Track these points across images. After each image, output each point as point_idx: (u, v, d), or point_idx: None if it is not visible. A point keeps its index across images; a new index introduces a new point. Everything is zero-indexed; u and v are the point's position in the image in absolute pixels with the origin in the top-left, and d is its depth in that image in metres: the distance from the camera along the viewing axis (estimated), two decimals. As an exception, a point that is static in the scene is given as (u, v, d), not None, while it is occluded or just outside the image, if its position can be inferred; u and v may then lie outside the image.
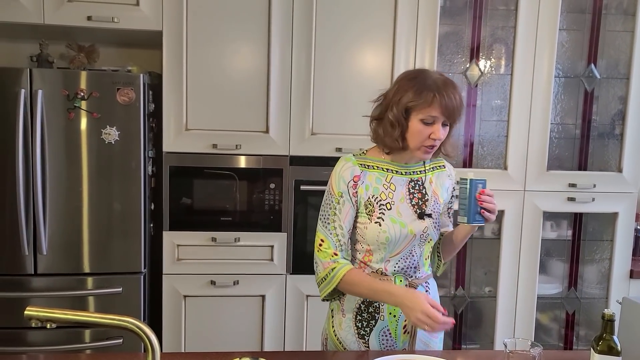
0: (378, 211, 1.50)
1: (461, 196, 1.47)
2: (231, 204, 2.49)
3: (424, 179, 1.57)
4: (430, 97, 1.41)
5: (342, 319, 1.56)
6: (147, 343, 0.87)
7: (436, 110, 1.42)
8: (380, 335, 1.53)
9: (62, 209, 2.31)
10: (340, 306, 1.57)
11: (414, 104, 1.43)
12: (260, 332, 2.55)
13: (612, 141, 2.72)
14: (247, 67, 2.44)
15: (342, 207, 1.50)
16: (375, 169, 1.53)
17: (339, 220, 1.50)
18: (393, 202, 1.51)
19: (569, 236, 2.80)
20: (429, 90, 1.41)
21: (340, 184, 1.51)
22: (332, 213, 1.51)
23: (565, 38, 2.63)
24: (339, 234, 1.50)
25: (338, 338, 1.57)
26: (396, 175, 1.54)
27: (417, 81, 1.45)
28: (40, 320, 0.88)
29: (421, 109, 1.42)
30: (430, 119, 1.43)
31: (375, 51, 2.48)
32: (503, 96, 2.62)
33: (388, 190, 1.52)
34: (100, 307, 2.37)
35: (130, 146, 2.33)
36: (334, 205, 1.51)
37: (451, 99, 1.42)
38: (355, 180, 1.51)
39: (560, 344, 2.85)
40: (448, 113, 1.43)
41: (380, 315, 1.52)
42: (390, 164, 1.54)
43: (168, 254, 2.46)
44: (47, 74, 2.27)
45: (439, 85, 1.42)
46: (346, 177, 1.51)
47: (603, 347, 1.23)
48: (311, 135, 2.49)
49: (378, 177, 1.52)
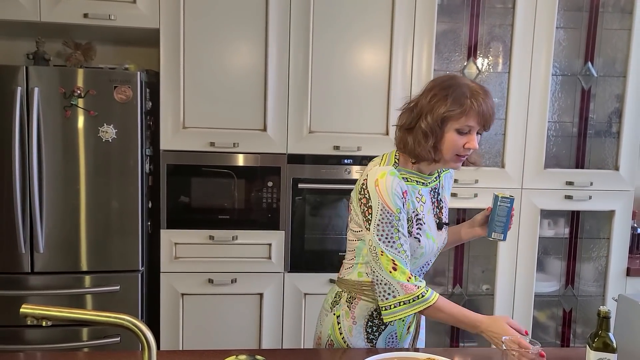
0: (416, 226, 1.47)
1: (500, 213, 1.52)
2: (229, 202, 2.49)
3: (439, 186, 1.57)
4: (467, 105, 1.36)
5: (353, 326, 1.53)
6: (143, 340, 0.87)
7: (473, 119, 1.37)
8: (387, 338, 1.54)
9: (59, 207, 2.31)
10: (350, 313, 1.54)
11: (451, 114, 1.37)
12: (258, 330, 2.55)
13: (609, 139, 2.72)
14: (244, 64, 2.43)
15: (403, 222, 1.43)
16: (409, 181, 1.48)
17: (404, 237, 1.43)
18: (424, 216, 1.49)
19: (566, 234, 2.80)
20: (466, 99, 1.36)
21: (397, 201, 1.41)
22: (396, 231, 1.42)
23: (563, 36, 2.64)
24: (407, 251, 1.43)
25: (348, 344, 1.54)
26: (423, 187, 1.51)
27: (452, 89, 1.39)
28: (36, 318, 0.88)
29: (458, 119, 1.37)
30: (466, 129, 1.38)
31: (373, 49, 2.48)
32: (500, 94, 2.62)
33: (420, 203, 1.49)
34: (98, 306, 2.37)
35: (128, 144, 2.33)
36: (395, 223, 1.41)
37: (488, 106, 1.38)
38: (404, 195, 1.43)
39: (558, 341, 2.86)
40: (484, 121, 1.39)
41: (391, 322, 1.51)
42: (417, 176, 1.50)
43: (166, 252, 2.46)
44: (44, 72, 2.26)
45: (475, 93, 1.38)
46: (398, 192, 1.42)
47: (599, 344, 1.23)
48: (309, 134, 2.49)
49: (412, 191, 1.47)
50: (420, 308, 1.40)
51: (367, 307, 1.52)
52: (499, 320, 1.37)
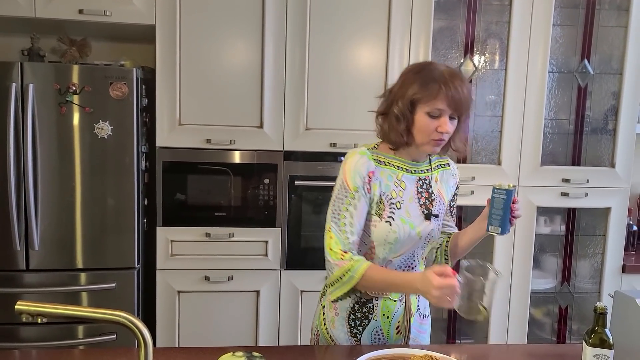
0: (388, 210, 1.46)
1: (496, 206, 1.43)
2: (225, 199, 2.49)
3: (431, 178, 1.54)
4: (435, 89, 1.37)
5: (335, 318, 1.54)
6: (140, 337, 0.86)
7: (442, 102, 1.38)
8: (373, 334, 1.52)
9: (54, 204, 2.30)
10: (333, 305, 1.55)
11: (419, 97, 1.39)
12: (255, 328, 2.54)
13: (605, 136, 2.73)
14: (241, 61, 2.42)
15: (358, 202, 1.43)
16: (387, 165, 1.48)
17: (350, 217, 1.43)
18: (403, 201, 1.48)
19: (562, 231, 2.81)
20: (435, 82, 1.37)
21: (356, 179, 1.44)
22: (345, 209, 1.44)
23: (559, 33, 2.64)
24: (349, 231, 1.43)
25: (330, 336, 1.56)
26: (406, 173, 1.50)
27: (422, 74, 1.41)
28: (30, 315, 0.87)
29: (427, 102, 1.39)
30: (436, 112, 1.39)
31: (370, 46, 2.47)
32: (497, 91, 2.62)
33: (399, 188, 1.48)
34: (94, 303, 2.36)
35: (124, 141, 2.32)
36: (348, 200, 1.44)
37: (458, 90, 1.37)
38: (370, 176, 1.45)
39: (553, 338, 2.87)
40: (455, 105, 1.39)
41: (374, 316, 1.51)
42: (400, 162, 1.50)
43: (162, 249, 2.45)
44: (39, 68, 2.25)
45: (445, 77, 1.38)
46: (362, 172, 1.44)
47: (595, 340, 1.23)
48: (306, 131, 2.48)
49: (390, 175, 1.48)
50: (350, 285, 1.42)
51: (348, 298, 1.52)
52: (426, 275, 1.30)
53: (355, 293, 1.52)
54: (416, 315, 1.56)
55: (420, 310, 1.58)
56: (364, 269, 1.40)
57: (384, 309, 1.50)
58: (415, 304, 1.55)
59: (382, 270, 1.44)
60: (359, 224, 1.45)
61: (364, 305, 1.51)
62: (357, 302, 1.51)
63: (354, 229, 1.43)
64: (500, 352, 1.65)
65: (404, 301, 1.52)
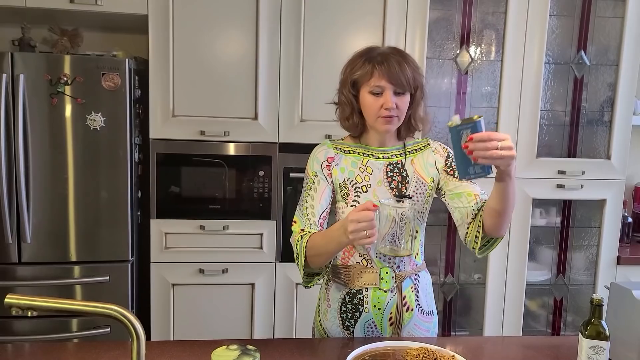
0: (353, 194, 1.49)
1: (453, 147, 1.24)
2: (220, 191, 2.47)
3: (404, 162, 1.53)
4: (370, 67, 1.41)
5: (328, 309, 1.55)
6: (132, 330, 0.85)
7: (380, 79, 1.40)
8: (366, 327, 1.52)
9: (47, 196, 2.27)
10: (326, 295, 1.57)
11: (357, 77, 1.44)
12: (250, 320, 2.54)
13: (600, 128, 2.72)
14: (235, 52, 2.40)
15: (318, 185, 1.50)
16: (351, 153, 1.53)
17: (311, 200, 1.49)
18: (369, 185, 1.49)
19: (557, 223, 2.81)
20: (370, 61, 1.42)
21: (314, 165, 1.52)
22: (306, 194, 1.50)
23: (556, 24, 2.62)
24: (310, 212, 1.48)
25: (323, 328, 1.56)
26: (372, 159, 1.52)
27: (360, 56, 1.46)
28: (21, 308, 0.86)
29: (366, 81, 1.43)
30: (377, 89, 1.42)
31: (366, 37, 2.45)
32: (493, 83, 2.60)
33: (364, 173, 1.51)
34: (88, 296, 2.34)
35: (117, 133, 2.29)
36: (309, 185, 1.51)
37: (393, 66, 1.40)
38: (329, 161, 1.51)
39: (548, 329, 2.87)
40: (394, 80, 1.40)
41: (365, 308, 1.50)
42: (366, 149, 1.53)
43: (156, 242, 2.43)
44: (29, 58, 2.22)
45: (383, 55, 1.42)
46: (320, 158, 1.52)
47: (591, 332, 1.23)
48: (300, 122, 2.46)
49: (354, 161, 1.52)
50: (302, 259, 1.43)
51: (339, 289, 1.53)
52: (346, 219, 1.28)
53: (338, 277, 1.52)
54: (416, 311, 1.53)
55: (421, 306, 1.55)
56: (308, 236, 1.43)
57: (375, 300, 1.49)
58: (412, 298, 1.53)
59: (322, 232, 1.45)
60: (321, 205, 1.49)
61: (354, 296, 1.51)
62: (347, 292, 1.51)
63: (315, 210, 1.48)
64: (496, 344, 1.65)
65: (396, 292, 1.51)
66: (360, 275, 1.50)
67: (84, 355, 1.34)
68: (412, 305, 1.52)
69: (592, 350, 1.23)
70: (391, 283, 1.49)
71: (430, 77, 2.56)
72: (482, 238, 1.44)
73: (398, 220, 1.29)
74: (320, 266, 1.48)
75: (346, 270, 1.51)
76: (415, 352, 1.26)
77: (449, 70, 2.60)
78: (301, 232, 1.46)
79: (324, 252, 1.40)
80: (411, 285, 1.52)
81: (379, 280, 1.49)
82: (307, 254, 1.42)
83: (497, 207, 1.34)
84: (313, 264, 1.45)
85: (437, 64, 2.59)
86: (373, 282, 1.49)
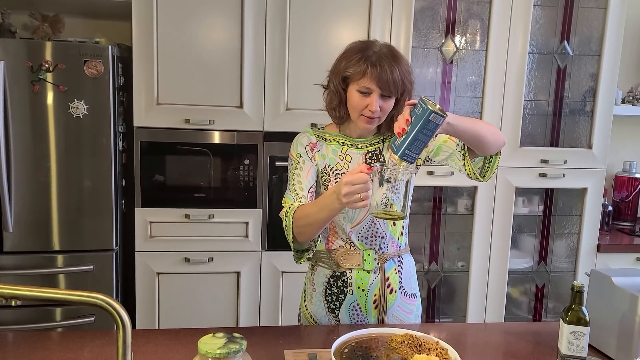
0: (334, 180, 1.52)
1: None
2: (205, 180, 2.46)
3: (382, 148, 1.56)
4: (363, 68, 1.40)
5: (313, 294, 1.58)
6: (117, 319, 0.84)
7: (370, 81, 1.40)
8: (350, 310, 1.54)
9: (29, 185, 2.24)
10: (311, 279, 1.59)
11: (349, 74, 1.44)
12: (236, 309, 2.54)
13: (582, 118, 2.76)
14: (220, 39, 2.38)
15: (303, 165, 1.52)
16: (332, 141, 1.56)
17: (298, 178, 1.51)
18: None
19: (540, 212, 2.85)
20: (364, 62, 1.40)
21: (298, 147, 1.55)
22: (292, 174, 1.53)
23: (540, 14, 2.64)
24: (298, 188, 1.50)
25: (309, 312, 1.59)
26: (351, 148, 1.55)
27: (357, 52, 1.44)
28: (4, 298, 0.85)
29: (356, 80, 1.43)
30: (365, 90, 1.42)
31: (351, 26, 2.44)
32: (478, 72, 2.62)
33: (344, 161, 1.53)
34: (72, 285, 2.33)
35: (100, 121, 2.26)
36: (294, 166, 1.53)
37: (386, 71, 1.39)
38: (312, 146, 1.55)
39: (530, 316, 2.93)
40: (383, 85, 1.40)
41: (349, 289, 1.53)
42: (345, 138, 1.56)
43: (140, 231, 2.41)
44: (9, 45, 2.17)
45: (378, 56, 1.40)
46: (303, 142, 1.55)
47: (572, 318, 1.25)
48: (286, 111, 2.45)
49: (334, 149, 1.54)
50: (289, 232, 1.45)
51: (324, 273, 1.56)
52: (339, 184, 1.28)
53: (322, 261, 1.54)
54: (399, 293, 1.56)
55: (405, 288, 1.58)
56: (296, 206, 1.45)
57: (359, 281, 1.52)
58: (396, 279, 1.55)
59: (309, 205, 1.45)
60: (308, 181, 1.51)
61: (338, 279, 1.53)
62: (332, 275, 1.54)
63: (303, 185, 1.51)
64: (479, 330, 1.67)
65: (379, 273, 1.53)
66: (344, 257, 1.53)
67: (68, 344, 1.33)
68: (395, 287, 1.55)
69: (572, 336, 1.25)
70: (374, 264, 1.52)
71: (415, 66, 2.56)
72: (477, 164, 1.51)
73: (393, 182, 1.27)
74: (310, 238, 1.48)
75: (330, 254, 1.55)
76: (400, 339, 1.28)
77: (434, 60, 2.61)
78: (290, 205, 1.48)
79: (314, 221, 1.40)
80: (394, 267, 1.55)
81: (362, 261, 1.52)
82: (297, 224, 1.43)
83: (470, 141, 1.41)
84: (303, 236, 1.45)
85: (422, 53, 2.59)
86: (357, 264, 1.52)
